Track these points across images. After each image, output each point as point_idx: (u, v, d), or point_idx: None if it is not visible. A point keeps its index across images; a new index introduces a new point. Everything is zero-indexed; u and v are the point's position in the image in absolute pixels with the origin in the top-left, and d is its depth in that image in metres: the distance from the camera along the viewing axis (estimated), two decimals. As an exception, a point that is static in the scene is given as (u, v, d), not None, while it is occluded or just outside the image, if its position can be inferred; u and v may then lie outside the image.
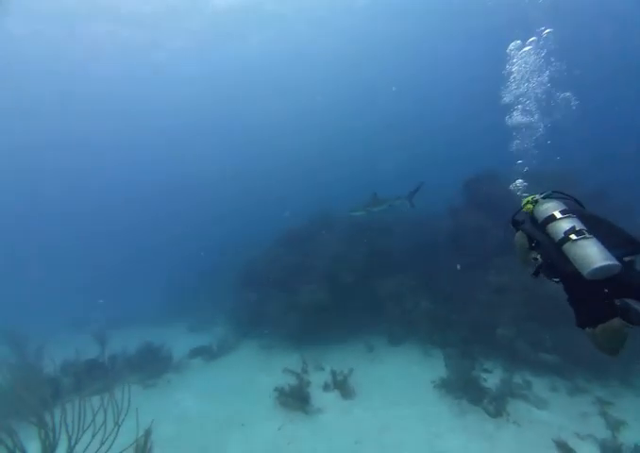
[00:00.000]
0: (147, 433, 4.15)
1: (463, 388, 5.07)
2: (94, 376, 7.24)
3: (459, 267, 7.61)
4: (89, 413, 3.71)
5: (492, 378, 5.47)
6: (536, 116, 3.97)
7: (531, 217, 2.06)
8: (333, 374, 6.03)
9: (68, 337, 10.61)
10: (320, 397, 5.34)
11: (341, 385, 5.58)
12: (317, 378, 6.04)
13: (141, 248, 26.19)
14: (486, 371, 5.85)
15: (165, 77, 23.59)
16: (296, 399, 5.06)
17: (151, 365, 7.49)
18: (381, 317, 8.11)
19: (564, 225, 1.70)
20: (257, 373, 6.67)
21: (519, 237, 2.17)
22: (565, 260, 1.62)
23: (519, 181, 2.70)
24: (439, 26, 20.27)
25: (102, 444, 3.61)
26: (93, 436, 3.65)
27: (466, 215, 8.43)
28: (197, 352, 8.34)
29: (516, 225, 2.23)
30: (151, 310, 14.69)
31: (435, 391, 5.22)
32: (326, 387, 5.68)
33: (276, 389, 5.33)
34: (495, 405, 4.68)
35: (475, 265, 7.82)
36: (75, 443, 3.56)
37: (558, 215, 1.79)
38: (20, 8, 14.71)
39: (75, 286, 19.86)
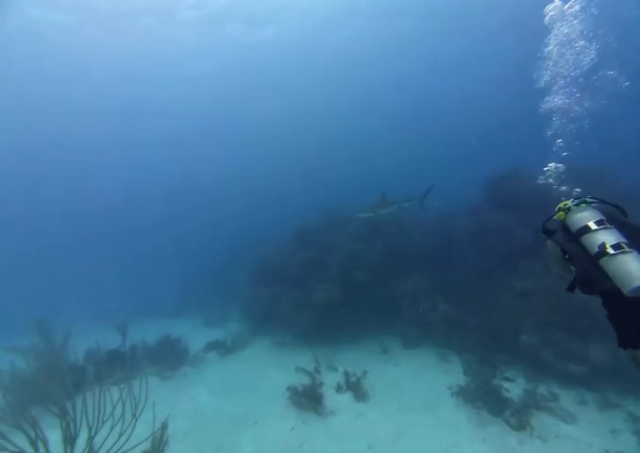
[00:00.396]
0: (164, 427, 4.20)
1: (483, 397, 4.83)
2: (116, 365, 7.50)
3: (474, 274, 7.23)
4: (108, 405, 3.78)
5: (514, 388, 5.19)
6: (575, 98, 3.52)
7: (564, 226, 1.86)
8: (346, 375, 5.93)
9: (91, 327, 11.06)
10: (333, 399, 5.25)
11: (354, 387, 5.47)
12: (330, 379, 5.95)
13: (159, 244, 26.94)
14: (508, 380, 5.56)
15: (168, 76, 24.01)
16: (309, 400, 4.99)
17: (169, 358, 7.67)
18: (396, 318, 7.91)
19: (601, 237, 1.54)
20: (270, 370, 6.68)
21: (551, 247, 1.99)
22: (603, 275, 1.47)
23: (553, 165, 2.41)
24: (454, 24, 19.75)
25: (120, 435, 3.69)
26: (112, 427, 3.73)
27: (488, 215, 8.04)
28: (212, 346, 8.47)
29: (548, 233, 2.03)
30: (168, 303, 15.10)
31: (452, 398, 5.01)
32: (339, 388, 5.59)
33: (288, 388, 5.29)
34: (518, 417, 4.43)
35: (497, 268, 7.46)
36: (95, 433, 3.64)
37: (593, 226, 1.62)
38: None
39: (98, 279, 20.77)
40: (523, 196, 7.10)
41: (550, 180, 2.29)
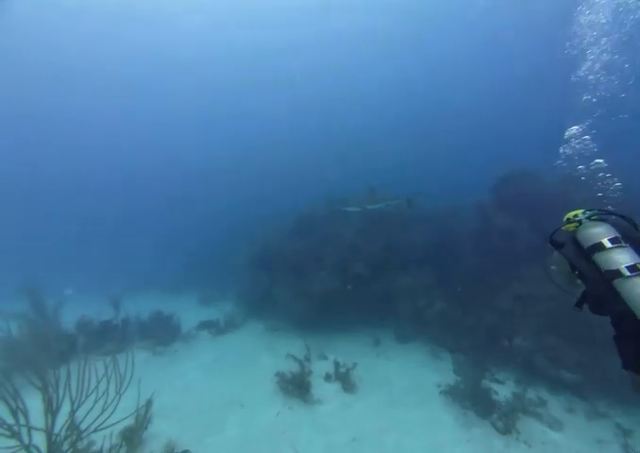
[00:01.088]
0: (148, 403, 4.14)
1: (472, 398, 4.75)
2: (107, 337, 7.46)
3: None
4: (93, 378, 3.67)
5: (503, 391, 5.11)
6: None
7: (574, 239, 1.74)
8: (336, 365, 5.85)
9: (87, 298, 11.05)
10: (321, 387, 5.19)
11: (343, 377, 5.40)
12: (320, 367, 5.88)
13: (161, 220, 26.82)
14: (497, 382, 5.48)
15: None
16: (297, 387, 4.92)
17: (161, 333, 7.62)
18: (391, 312, 7.81)
19: (615, 257, 1.46)
20: (260, 354, 6.62)
21: (559, 260, 1.86)
22: (616, 297, 1.40)
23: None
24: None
25: (104, 410, 3.60)
26: (96, 401, 3.64)
27: (495, 215, 7.76)
28: (205, 325, 8.42)
29: (556, 246, 1.91)
30: (166, 278, 15.08)
31: (441, 397, 4.93)
32: (327, 377, 5.52)
33: (277, 374, 5.22)
34: (505, 420, 4.35)
35: (498, 269, 7.27)
36: (78, 407, 3.55)
37: (607, 244, 1.52)
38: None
39: (97, 250, 20.76)
40: (534, 198, 6.83)
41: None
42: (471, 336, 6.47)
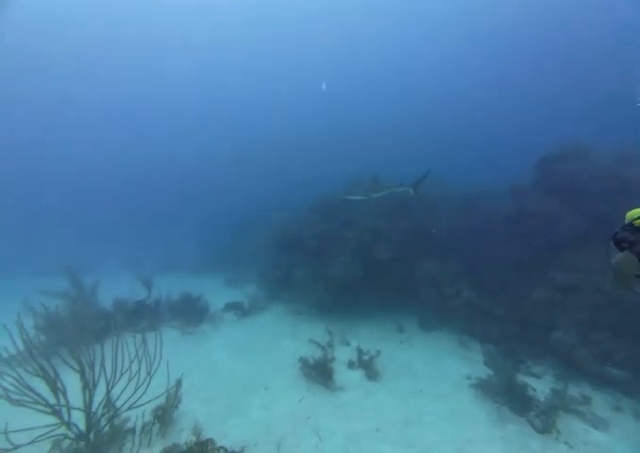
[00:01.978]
0: (178, 384, 4.22)
1: (506, 393, 4.42)
2: (141, 316, 7.82)
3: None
4: (127, 358, 3.74)
5: (540, 386, 4.72)
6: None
7: None
8: (359, 351, 5.70)
9: (121, 277, 11.67)
10: (344, 374, 5.07)
11: (366, 365, 5.25)
12: (342, 353, 5.77)
13: (188, 203, 27.58)
14: (534, 376, 5.09)
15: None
16: (320, 373, 4.84)
17: (190, 314, 7.84)
18: (415, 299, 7.48)
19: None
20: (284, 337, 6.62)
21: (626, 260, 1.67)
22: None
23: None
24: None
25: (136, 389, 3.69)
26: (129, 380, 3.72)
27: (535, 198, 7.01)
28: (231, 307, 8.58)
29: (624, 244, 1.71)
30: (193, 260, 15.61)
31: (471, 389, 4.65)
32: (350, 364, 5.40)
33: (300, 359, 5.15)
34: (543, 419, 4.01)
35: (535, 257, 6.64)
36: (113, 385, 3.64)
37: None
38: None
39: (129, 233, 21.89)
40: (584, 180, 6.02)
41: None
42: (503, 326, 6.03)
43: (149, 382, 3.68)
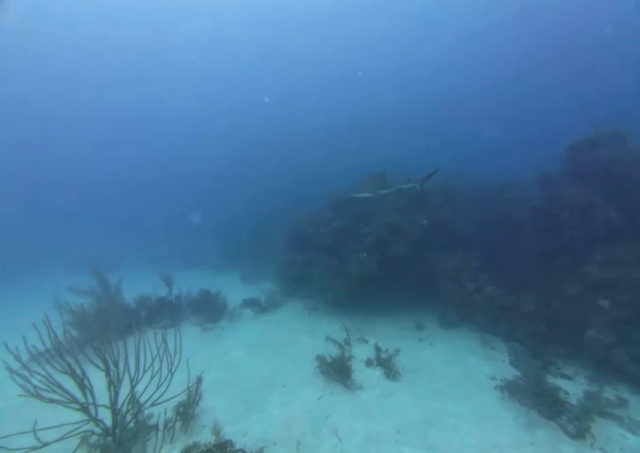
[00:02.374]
0: (199, 380, 4.29)
1: (535, 395, 4.18)
2: (163, 312, 8.06)
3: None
4: (149, 355, 3.82)
5: (572, 388, 4.43)
6: None
7: None
8: (377, 349, 5.60)
9: (143, 274, 12.09)
10: (362, 373, 4.99)
11: (385, 363, 5.13)
12: (360, 351, 5.70)
13: (206, 201, 28.15)
14: (565, 377, 4.79)
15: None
16: (337, 371, 4.78)
17: (209, 310, 7.99)
18: (434, 296, 7.25)
19: None
20: (300, 334, 6.61)
21: None
22: None
23: None
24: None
25: (158, 387, 3.77)
26: (152, 378, 3.81)
27: (566, 188, 6.53)
28: (248, 304, 8.68)
29: None
30: (211, 257, 15.95)
31: (496, 391, 4.43)
32: (369, 363, 5.30)
33: (318, 357, 5.11)
34: (576, 423, 3.76)
35: (565, 251, 6.21)
36: (137, 382, 3.73)
37: None
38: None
39: (152, 231, 22.65)
40: (622, 167, 5.52)
41: None
42: (530, 324, 5.71)
43: (171, 379, 3.75)
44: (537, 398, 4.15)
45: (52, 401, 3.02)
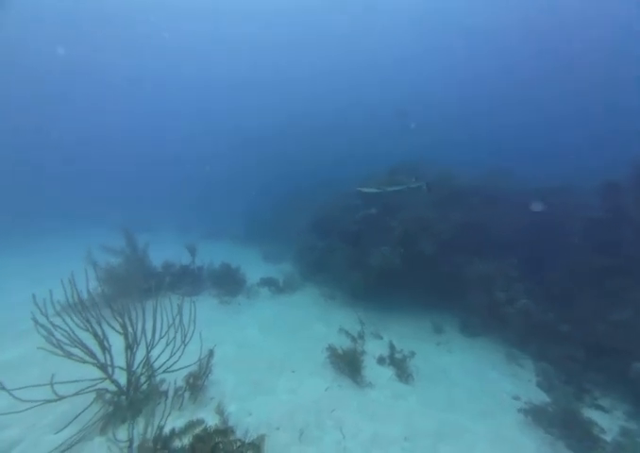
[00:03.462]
0: (210, 354, 4.30)
1: (564, 425, 3.77)
2: (186, 280, 8.29)
3: None
4: (165, 323, 3.85)
5: (607, 421, 3.95)
6: None
7: None
8: (391, 347, 5.36)
9: (170, 239, 12.56)
10: (373, 370, 4.79)
11: (398, 364, 4.89)
12: (373, 347, 5.48)
13: (237, 175, 28.53)
14: (601, 409, 4.29)
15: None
16: (348, 365, 4.61)
17: (228, 284, 8.10)
18: (459, 301, 6.78)
19: None
20: (314, 320, 6.50)
21: None
22: None
23: None
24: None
25: (172, 355, 3.81)
26: (167, 345, 3.85)
27: (634, 197, 5.64)
28: (266, 283, 8.69)
29: None
30: (236, 229, 16.22)
31: (519, 414, 4.05)
32: (381, 360, 5.08)
33: (329, 347, 4.96)
34: (610, 465, 3.34)
35: (620, 269, 5.45)
36: (152, 347, 3.78)
37: None
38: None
39: (182, 200, 23.51)
40: None
41: None
42: (566, 346, 5.15)
43: (183, 349, 3.77)
44: (566, 429, 3.74)
45: (71, 356, 3.10)
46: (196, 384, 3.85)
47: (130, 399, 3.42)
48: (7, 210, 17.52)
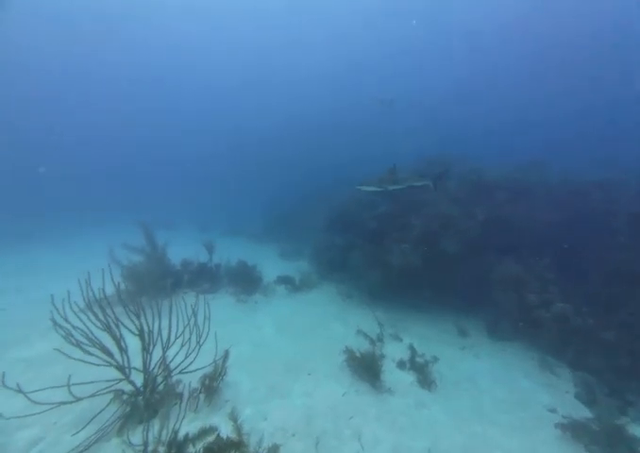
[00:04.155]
0: (226, 355, 4.25)
1: (607, 442, 3.38)
2: (204, 277, 8.39)
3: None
4: (181, 324, 3.82)
5: (661, 446, 3.51)
6: None
7: None
8: (412, 351, 5.10)
9: (192, 236, 12.80)
10: (393, 375, 4.56)
11: (420, 369, 4.63)
12: (392, 350, 5.24)
13: (257, 172, 28.78)
14: (651, 429, 3.84)
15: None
16: (366, 369, 4.41)
17: (245, 282, 8.09)
18: (485, 301, 6.36)
19: None
20: (332, 320, 6.33)
21: None
22: None
23: None
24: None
25: (186, 356, 3.78)
26: (181, 346, 3.82)
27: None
28: (283, 280, 8.62)
29: None
30: (254, 227, 16.32)
31: (556, 429, 3.69)
32: (401, 364, 4.84)
33: (346, 349, 4.77)
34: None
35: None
36: (168, 347, 3.76)
37: None
38: None
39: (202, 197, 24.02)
40: None
41: None
42: (609, 355, 4.66)
43: (199, 350, 3.73)
44: (610, 447, 3.35)
45: (90, 355, 3.12)
46: (211, 386, 3.80)
47: (147, 400, 3.41)
48: (42, 208, 18.68)
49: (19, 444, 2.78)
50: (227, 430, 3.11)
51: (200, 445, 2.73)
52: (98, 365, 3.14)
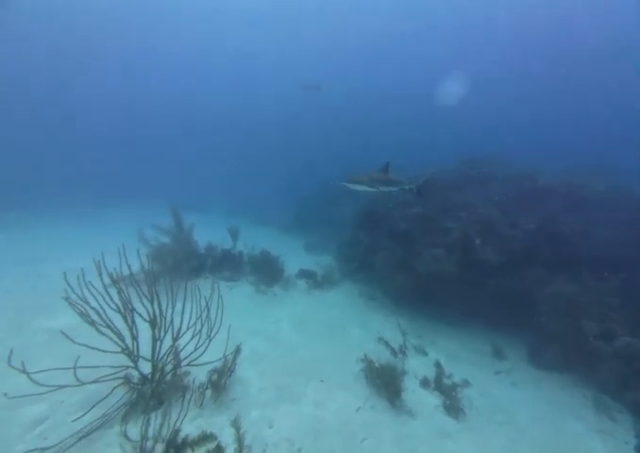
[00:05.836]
0: (237, 351, 4.01)
1: None
2: (226, 264, 8.32)
3: None
4: (198, 311, 3.61)
5: None
6: None
7: None
8: (438, 368, 4.54)
9: (220, 221, 12.92)
10: (415, 394, 4.06)
11: (447, 392, 4.08)
12: (415, 364, 4.71)
13: (283, 167, 28.80)
14: None
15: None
16: (385, 384, 3.95)
17: (266, 273, 7.90)
18: (528, 321, 5.55)
19: None
20: (351, 323, 5.90)
21: None
22: None
23: None
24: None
25: (197, 348, 3.58)
26: (192, 337, 3.62)
27: None
28: (304, 275, 8.32)
29: None
30: (282, 217, 16.18)
31: (616, 492, 3.01)
32: (424, 383, 4.31)
33: (364, 358, 4.34)
34: None
35: None
36: (179, 336, 3.59)
37: None
38: None
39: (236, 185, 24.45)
40: None
41: None
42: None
43: (208, 344, 3.51)
44: None
45: (102, 334, 3.00)
46: (219, 383, 3.57)
47: (153, 389, 3.25)
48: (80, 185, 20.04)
49: (24, 420, 2.72)
50: (229, 434, 2.86)
51: (199, 451, 2.49)
52: (106, 352, 2.99)
